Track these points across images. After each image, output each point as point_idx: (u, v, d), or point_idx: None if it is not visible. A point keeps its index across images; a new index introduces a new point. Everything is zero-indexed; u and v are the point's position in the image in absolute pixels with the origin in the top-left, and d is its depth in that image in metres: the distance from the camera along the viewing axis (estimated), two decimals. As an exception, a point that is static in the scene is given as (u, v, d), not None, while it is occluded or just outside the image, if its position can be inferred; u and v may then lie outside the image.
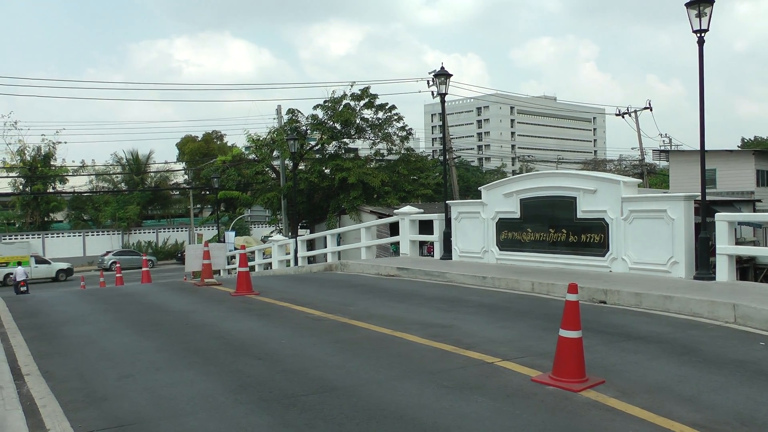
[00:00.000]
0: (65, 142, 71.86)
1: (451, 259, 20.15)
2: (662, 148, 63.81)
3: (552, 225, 16.89)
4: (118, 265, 36.67)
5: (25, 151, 69.25)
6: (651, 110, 59.72)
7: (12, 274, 38.56)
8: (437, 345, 9.22)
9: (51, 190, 71.58)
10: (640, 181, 16.72)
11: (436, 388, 7.21)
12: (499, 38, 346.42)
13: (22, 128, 70.77)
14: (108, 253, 64.85)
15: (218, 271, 28.44)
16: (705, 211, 14.38)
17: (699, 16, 14.12)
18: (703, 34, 14.20)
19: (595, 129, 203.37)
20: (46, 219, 71.86)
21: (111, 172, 78.52)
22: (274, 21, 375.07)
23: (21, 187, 70.25)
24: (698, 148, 15.21)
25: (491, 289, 15.25)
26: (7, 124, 67.57)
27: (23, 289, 30.08)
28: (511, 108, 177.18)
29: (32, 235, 67.47)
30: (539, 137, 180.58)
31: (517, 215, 17.90)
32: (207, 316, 12.91)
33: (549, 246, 16.96)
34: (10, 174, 69.74)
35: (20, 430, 5.95)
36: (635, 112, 60.65)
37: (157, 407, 6.92)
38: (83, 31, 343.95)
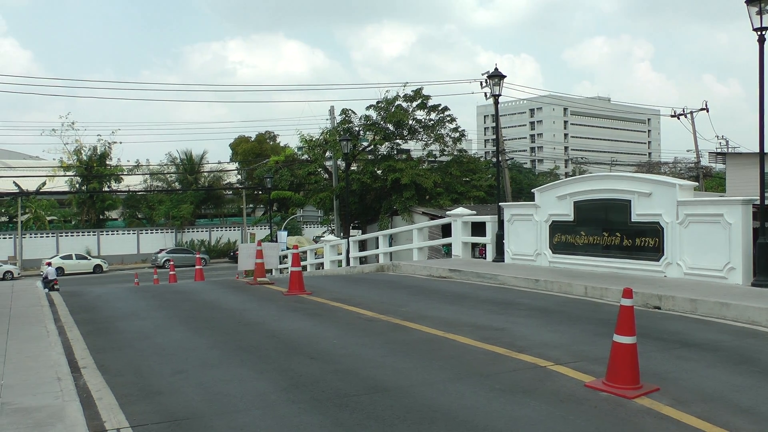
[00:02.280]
0: (121, 142, 72.60)
1: (503, 261, 20.05)
2: (719, 150, 62.74)
3: (606, 228, 16.73)
4: (171, 262, 37.16)
5: (82, 151, 70.40)
6: (707, 111, 58.82)
7: (45, 273, 39.87)
8: (489, 347, 9.20)
9: (106, 188, 72.57)
10: (696, 184, 16.46)
11: (488, 390, 7.20)
12: (552, 39, 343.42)
13: (79, 129, 71.97)
14: (162, 251, 65.58)
15: (270, 271, 28.63)
16: (764, 215, 14.10)
17: (760, 13, 13.80)
18: (763, 32, 13.91)
19: (649, 131, 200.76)
20: (101, 217, 72.93)
21: (165, 172, 79.33)
22: (327, 22, 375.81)
23: (77, 185, 71.31)
24: (757, 151, 14.95)
25: (544, 292, 15.16)
26: (65, 125, 68.55)
27: (56, 287, 30.79)
28: (565, 109, 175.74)
29: (88, 232, 68.52)
30: (593, 139, 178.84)
31: (571, 218, 17.76)
32: (259, 314, 13.01)
33: (602, 249, 16.80)
34: (68, 173, 70.83)
35: (78, 421, 6.05)
36: (691, 113, 59.83)
37: (210, 403, 7.00)
38: (139, 35, 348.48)
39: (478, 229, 22.63)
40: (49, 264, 43.77)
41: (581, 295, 14.32)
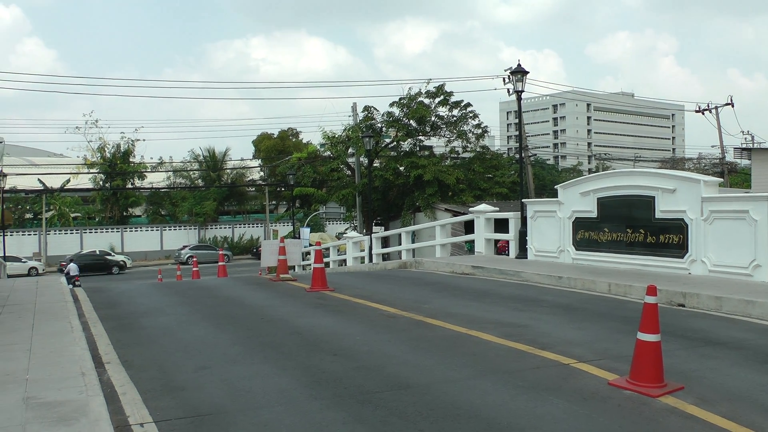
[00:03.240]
0: (144, 140, 73.75)
1: (526, 258, 19.99)
2: (744, 145, 62.20)
3: (629, 225, 16.62)
4: (194, 259, 37.34)
5: (106, 149, 71.11)
6: (732, 106, 58.28)
7: (67, 269, 40.38)
8: (512, 344, 9.16)
9: (130, 186, 73.16)
10: (721, 180, 16.34)
11: (511, 388, 7.17)
12: (575, 34, 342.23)
13: (102, 126, 72.57)
14: (185, 247, 65.99)
15: (293, 267, 28.68)
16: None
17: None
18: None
19: (673, 126, 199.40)
20: (125, 214, 73.49)
21: (188, 169, 79.79)
22: (349, 19, 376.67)
23: (101, 183, 71.90)
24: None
25: (567, 289, 15.10)
26: (89, 123, 69.16)
27: (77, 283, 31.07)
28: (588, 105, 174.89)
29: (111, 229, 68.96)
30: (616, 135, 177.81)
31: (594, 214, 17.66)
32: (282, 311, 13.03)
33: (626, 246, 16.70)
34: (91, 170, 71.39)
35: (101, 416, 6.09)
36: (716, 108, 59.29)
37: (234, 399, 7.02)
38: (162, 33, 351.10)
39: (500, 225, 22.57)
40: (72, 261, 44.11)
41: (605, 292, 14.24)
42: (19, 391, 6.92)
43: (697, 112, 60.31)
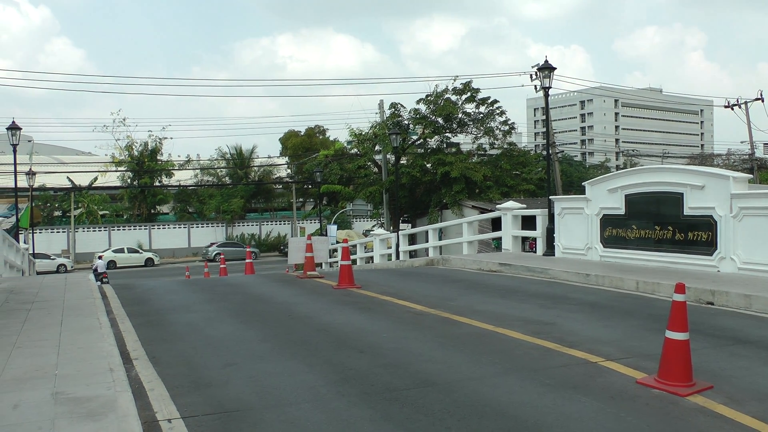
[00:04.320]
0: (171, 138, 74.21)
1: (553, 255, 19.91)
2: (774, 141, 61.65)
3: (657, 222, 16.51)
4: (222, 256, 37.47)
5: (133, 147, 71.50)
6: (762, 101, 57.62)
7: (95, 265, 40.94)
8: (540, 342, 9.14)
9: (157, 183, 73.60)
10: (751, 176, 16.20)
11: (538, 385, 7.15)
12: (603, 29, 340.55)
13: (130, 125, 73.20)
14: (212, 244, 66.25)
15: (320, 264, 28.73)
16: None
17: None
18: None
19: (702, 122, 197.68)
20: (152, 211, 73.91)
21: (215, 167, 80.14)
22: (376, 16, 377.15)
23: (129, 180, 72.37)
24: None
25: (594, 286, 15.02)
26: (116, 121, 69.61)
27: (105, 280, 31.33)
28: (615, 101, 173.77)
29: (139, 226, 69.42)
30: (644, 131, 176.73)
31: (622, 211, 17.56)
32: (309, 308, 13.06)
33: (654, 244, 16.59)
34: (119, 168, 71.90)
35: (129, 411, 6.12)
36: (745, 103, 58.72)
37: (261, 396, 7.05)
38: (189, 32, 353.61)
39: (528, 222, 22.49)
40: (101, 257, 44.51)
41: (632, 289, 14.16)
42: (48, 386, 6.97)
43: (726, 107, 59.75)
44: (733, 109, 59.18)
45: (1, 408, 6.31)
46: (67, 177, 69.14)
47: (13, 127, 32.01)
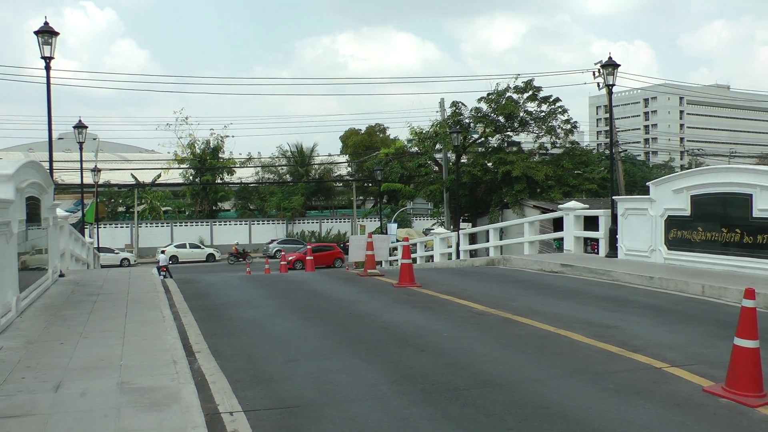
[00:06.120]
0: (233, 136, 75.20)
1: (616, 257, 19.64)
2: None
3: (724, 224, 16.16)
4: (283, 253, 37.72)
5: (195, 145, 72.52)
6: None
7: (158, 260, 42.03)
8: (602, 345, 9.02)
9: (219, 181, 74.39)
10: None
11: (601, 390, 7.06)
12: (668, 24, 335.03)
13: (192, 123, 73.96)
14: (273, 241, 66.72)
15: (380, 262, 28.77)
16: None
17: None
18: None
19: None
20: (214, 208, 74.80)
21: (276, 164, 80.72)
22: (437, 14, 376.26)
23: (191, 177, 73.33)
24: None
25: (658, 290, 14.78)
26: (179, 120, 70.75)
27: (164, 274, 31.89)
28: (680, 98, 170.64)
29: (201, 222, 70.27)
30: (710, 129, 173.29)
31: (687, 213, 17.22)
32: (370, 306, 13.08)
33: (720, 247, 16.24)
34: (182, 166, 72.95)
35: (192, 403, 6.20)
36: (819, 102, 57.31)
37: (322, 392, 7.08)
38: (251, 31, 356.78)
39: (590, 223, 22.28)
40: (164, 252, 45.30)
41: (698, 294, 13.88)
42: (114, 376, 7.10)
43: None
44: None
45: (68, 395, 6.46)
46: (131, 174, 70.48)
47: (80, 126, 32.75)
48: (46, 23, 18.48)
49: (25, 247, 11.66)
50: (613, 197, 20.65)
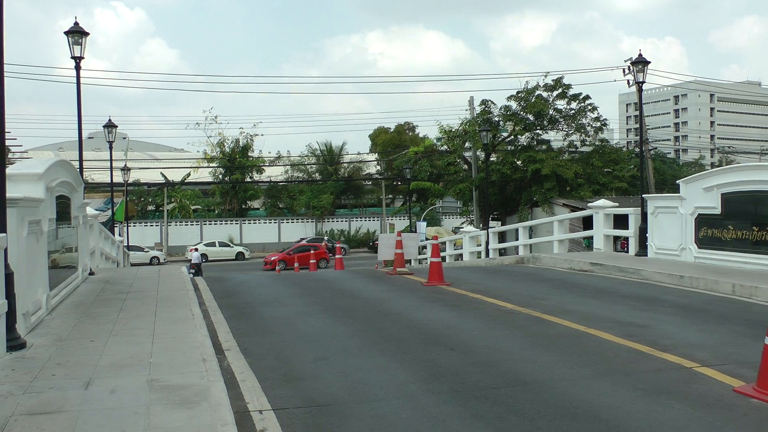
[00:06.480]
0: (262, 135, 75.43)
1: (646, 255, 19.51)
2: None
3: (756, 222, 15.99)
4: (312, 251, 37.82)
5: (225, 144, 72.89)
6: None
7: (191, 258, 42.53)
8: (632, 345, 8.98)
9: (248, 179, 74.68)
10: None
11: (631, 389, 7.02)
12: (698, 20, 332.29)
13: (222, 122, 74.36)
14: (302, 239, 66.82)
15: (409, 261, 28.77)
16: None
17: None
18: None
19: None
20: (243, 206, 75.09)
21: (305, 163, 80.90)
22: (467, 12, 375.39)
23: (221, 176, 73.71)
24: None
25: (688, 289, 14.67)
26: (209, 119, 71.17)
27: (192, 271, 32.21)
28: (711, 95, 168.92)
29: (230, 221, 70.57)
30: (741, 126, 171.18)
31: (718, 211, 17.06)
32: (399, 304, 13.09)
33: (752, 245, 16.08)
34: (211, 164, 73.35)
35: (222, 401, 6.23)
36: None
37: (351, 391, 7.10)
38: (279, 30, 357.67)
39: (620, 221, 22.16)
40: (196, 250, 45.65)
41: (728, 293, 13.77)
42: (143, 374, 7.15)
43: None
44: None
45: (99, 392, 6.53)
46: (161, 173, 70.97)
47: (110, 125, 33.01)
48: (76, 23, 18.64)
49: (56, 245, 11.78)
50: (643, 195, 20.55)
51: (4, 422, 5.67)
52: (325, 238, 67.73)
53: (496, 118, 47.05)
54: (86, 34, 18.84)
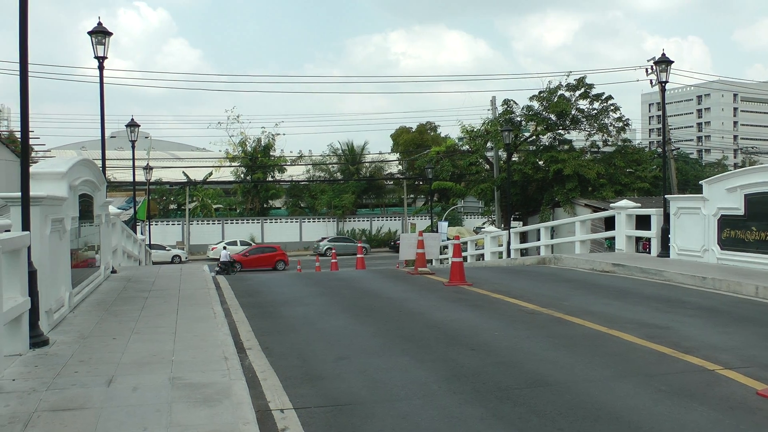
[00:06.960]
0: (284, 134, 75.40)
1: (668, 256, 19.41)
2: None
3: (780, 224, 15.87)
4: (333, 251, 37.95)
5: (247, 143, 73.23)
6: None
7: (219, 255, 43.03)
8: (654, 346, 8.94)
9: (270, 178, 74.90)
10: None
11: (653, 391, 6.99)
12: (722, 19, 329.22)
13: (243, 121, 74.70)
14: (323, 239, 67.03)
15: (431, 261, 28.75)
16: None
17: None
18: None
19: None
20: (265, 206, 75.25)
21: (327, 162, 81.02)
22: (489, 12, 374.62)
23: (242, 175, 73.99)
24: None
25: (711, 290, 14.58)
26: (231, 118, 71.52)
27: (217, 268, 32.50)
28: (735, 95, 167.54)
29: (252, 220, 70.80)
30: (765, 126, 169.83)
31: (741, 212, 16.93)
32: (420, 304, 13.09)
33: (776, 247, 15.96)
34: (233, 164, 73.61)
35: (243, 399, 6.26)
36: None
37: (372, 390, 7.12)
38: (301, 30, 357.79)
39: (642, 222, 22.04)
40: (225, 248, 46.18)
41: (752, 295, 13.67)
42: (165, 372, 7.20)
43: None
44: None
45: (121, 390, 6.58)
46: (183, 172, 71.24)
47: (132, 124, 33.20)
48: (99, 24, 18.70)
49: (78, 243, 11.86)
50: (666, 196, 20.41)
51: (27, 418, 5.73)
52: (354, 238, 67.78)
53: (518, 118, 46.96)
54: (109, 34, 18.90)
